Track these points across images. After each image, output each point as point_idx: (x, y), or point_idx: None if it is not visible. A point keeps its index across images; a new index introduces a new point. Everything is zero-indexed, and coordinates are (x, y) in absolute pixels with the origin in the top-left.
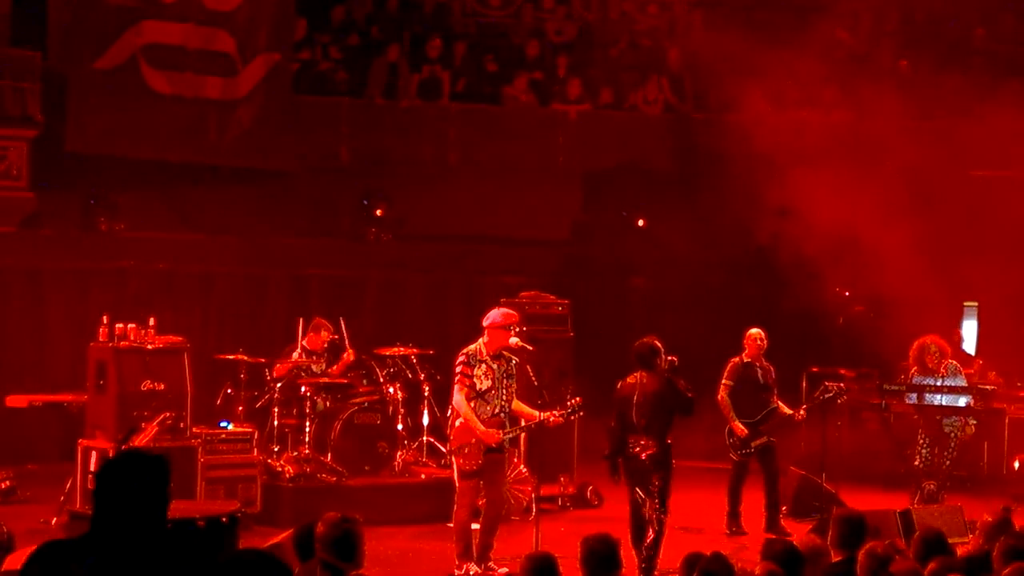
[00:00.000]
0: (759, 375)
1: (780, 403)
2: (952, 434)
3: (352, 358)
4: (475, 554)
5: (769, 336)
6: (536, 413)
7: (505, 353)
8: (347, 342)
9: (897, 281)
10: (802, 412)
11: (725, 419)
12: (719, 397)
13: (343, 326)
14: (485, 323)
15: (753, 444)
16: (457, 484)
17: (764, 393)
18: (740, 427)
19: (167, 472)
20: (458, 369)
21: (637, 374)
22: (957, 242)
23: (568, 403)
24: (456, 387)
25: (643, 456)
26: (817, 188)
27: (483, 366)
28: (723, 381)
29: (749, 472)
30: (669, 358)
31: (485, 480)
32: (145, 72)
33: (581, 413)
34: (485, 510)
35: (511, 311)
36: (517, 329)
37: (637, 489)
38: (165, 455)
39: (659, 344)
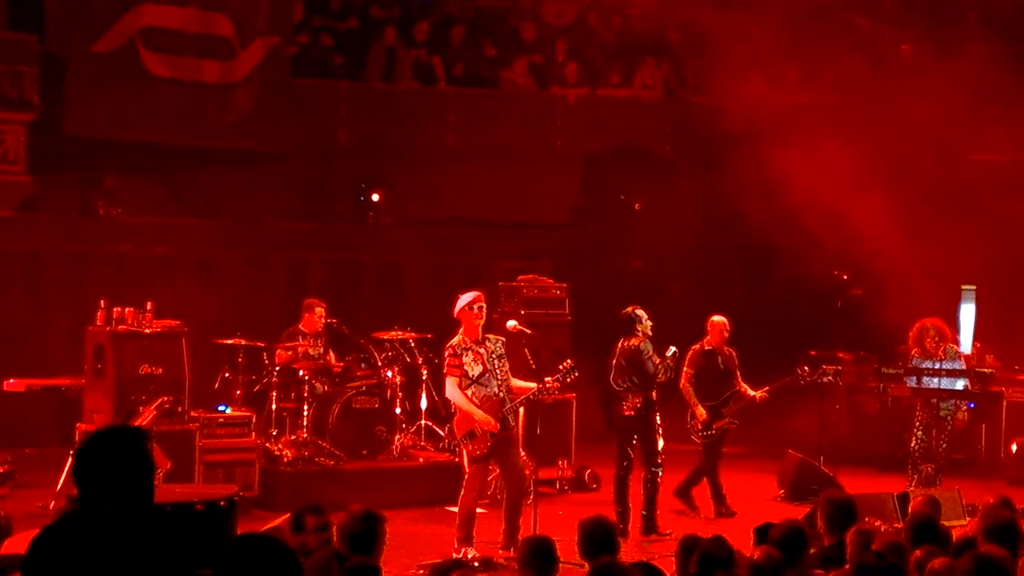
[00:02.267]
0: (720, 362)
1: (744, 386)
2: (947, 418)
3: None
4: (504, 539)
5: (767, 319)
6: (532, 385)
7: (489, 336)
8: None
9: (895, 264)
10: (763, 393)
11: (687, 405)
12: (681, 384)
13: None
14: (456, 314)
15: (715, 426)
16: (467, 469)
17: (726, 379)
18: (701, 411)
19: (144, 444)
20: (447, 360)
21: (621, 339)
22: (955, 225)
23: (560, 367)
24: (447, 379)
25: (624, 414)
26: (815, 171)
27: (469, 353)
28: (684, 369)
29: (721, 454)
30: (670, 351)
31: (499, 463)
32: (143, 55)
33: (576, 374)
34: (507, 492)
35: (473, 292)
36: (479, 307)
37: (623, 445)
38: (143, 429)
39: (640, 312)
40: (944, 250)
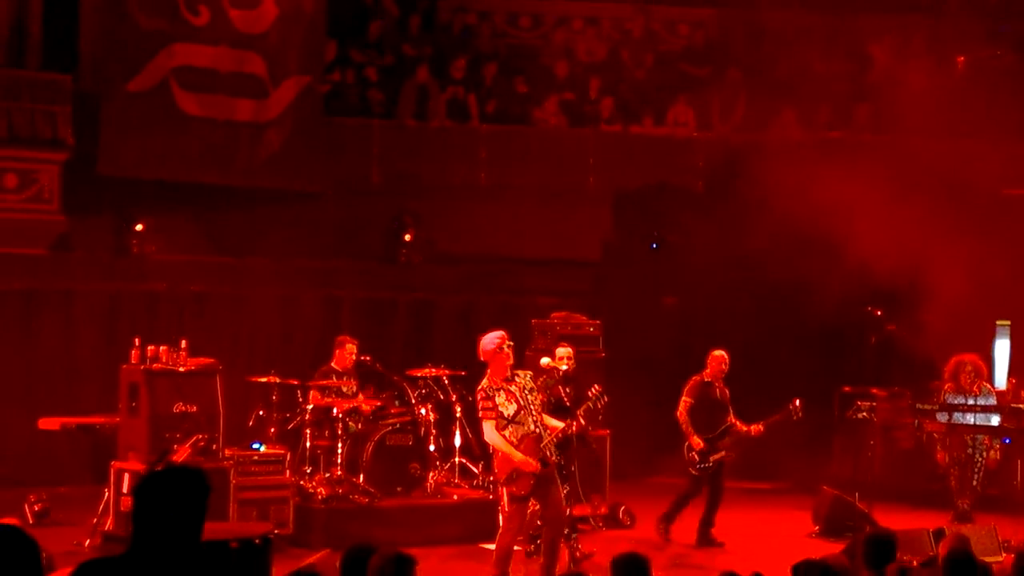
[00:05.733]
0: (717, 394)
1: (737, 421)
2: (976, 454)
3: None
4: (540, 574)
5: (801, 355)
6: (559, 424)
7: (519, 372)
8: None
9: (929, 300)
10: (759, 427)
11: (684, 435)
12: (678, 413)
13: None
14: (482, 357)
15: (712, 459)
16: (507, 507)
17: (720, 411)
18: (697, 440)
19: (206, 486)
20: (480, 404)
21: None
22: (989, 261)
23: (589, 394)
24: (484, 423)
25: None
26: (848, 208)
27: (502, 393)
28: (683, 398)
29: (701, 492)
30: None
31: (539, 499)
32: (177, 94)
33: (606, 399)
34: (545, 531)
35: (496, 331)
36: (509, 346)
37: None
38: (203, 470)
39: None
40: (978, 286)
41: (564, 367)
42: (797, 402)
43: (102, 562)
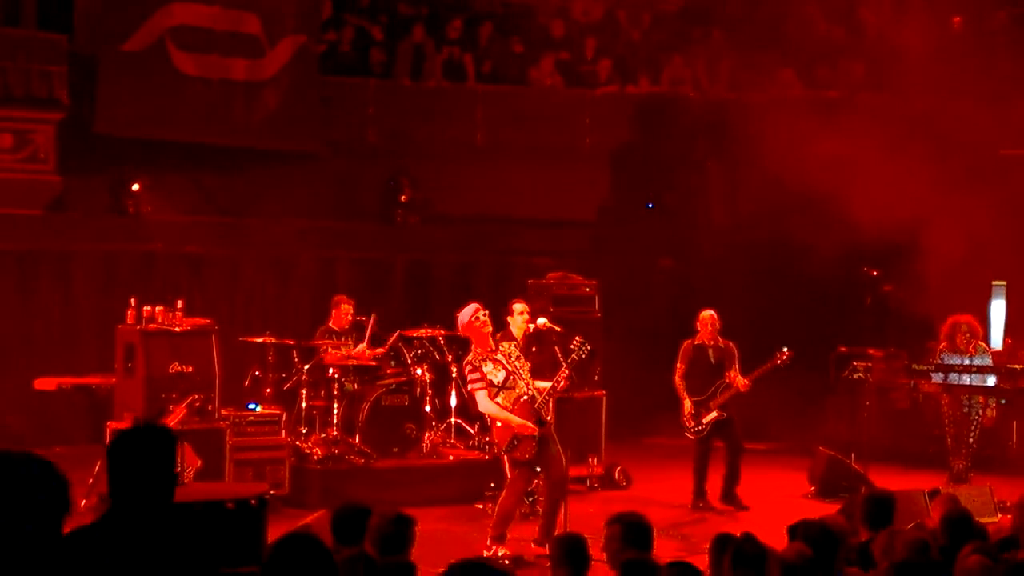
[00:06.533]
0: (711, 355)
1: (738, 377)
2: (972, 412)
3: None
4: (540, 534)
5: (797, 316)
6: (547, 384)
7: (503, 343)
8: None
9: (925, 260)
10: (746, 382)
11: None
12: (674, 380)
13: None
14: (462, 333)
15: (704, 421)
16: (509, 472)
17: (715, 372)
18: (687, 404)
19: (171, 440)
20: (469, 377)
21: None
22: (986, 221)
23: (571, 346)
24: (476, 394)
25: None
26: (847, 168)
27: (488, 363)
28: (677, 364)
29: (712, 449)
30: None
31: (541, 464)
32: (173, 54)
33: (588, 347)
34: (547, 491)
35: (470, 305)
36: (484, 316)
37: None
38: (167, 427)
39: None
40: (975, 246)
41: (527, 322)
42: (785, 350)
43: (84, 531)
